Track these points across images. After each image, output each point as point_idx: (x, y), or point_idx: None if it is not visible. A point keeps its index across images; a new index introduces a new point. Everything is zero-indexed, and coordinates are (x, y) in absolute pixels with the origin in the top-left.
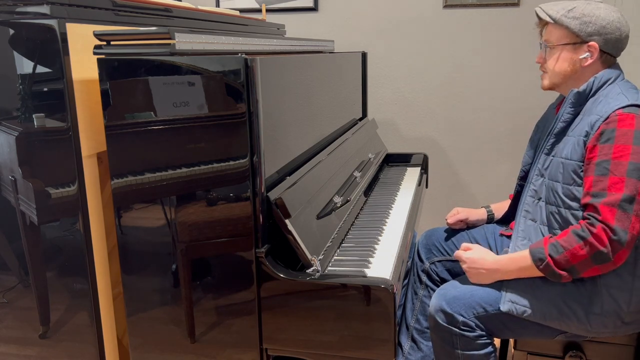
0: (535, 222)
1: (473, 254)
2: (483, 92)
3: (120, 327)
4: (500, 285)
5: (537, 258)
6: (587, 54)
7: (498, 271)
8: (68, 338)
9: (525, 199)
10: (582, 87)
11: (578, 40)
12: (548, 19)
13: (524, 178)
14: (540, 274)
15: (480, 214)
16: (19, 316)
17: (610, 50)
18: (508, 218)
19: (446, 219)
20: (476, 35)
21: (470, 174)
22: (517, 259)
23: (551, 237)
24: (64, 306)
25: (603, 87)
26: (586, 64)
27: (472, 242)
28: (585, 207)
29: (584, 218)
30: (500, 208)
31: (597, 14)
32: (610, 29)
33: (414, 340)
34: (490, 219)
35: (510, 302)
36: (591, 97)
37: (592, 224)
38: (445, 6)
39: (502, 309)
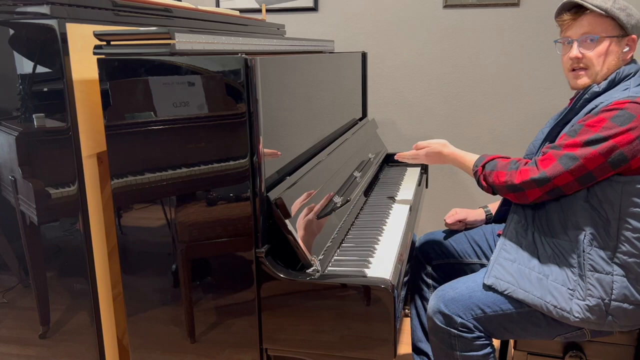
0: (531, 208)
1: (437, 142)
2: (483, 92)
3: (120, 327)
4: (489, 274)
5: (476, 164)
6: (627, 47)
7: (451, 158)
8: (68, 338)
9: None
10: (602, 86)
11: (622, 32)
12: (597, 10)
13: None
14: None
15: (478, 214)
16: (19, 316)
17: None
18: (505, 215)
19: (445, 220)
20: (476, 35)
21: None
22: (467, 158)
23: (502, 158)
24: (64, 306)
25: (623, 81)
26: (628, 57)
27: (471, 244)
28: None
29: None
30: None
31: (631, 7)
32: None
33: None
34: (488, 219)
35: (494, 278)
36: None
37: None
38: (445, 6)
39: (486, 282)
